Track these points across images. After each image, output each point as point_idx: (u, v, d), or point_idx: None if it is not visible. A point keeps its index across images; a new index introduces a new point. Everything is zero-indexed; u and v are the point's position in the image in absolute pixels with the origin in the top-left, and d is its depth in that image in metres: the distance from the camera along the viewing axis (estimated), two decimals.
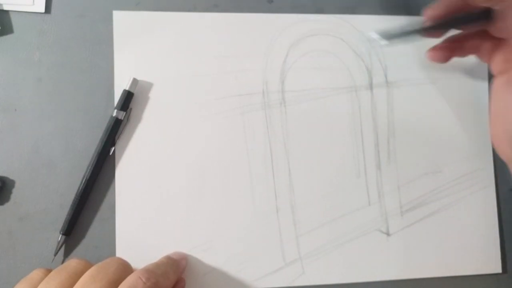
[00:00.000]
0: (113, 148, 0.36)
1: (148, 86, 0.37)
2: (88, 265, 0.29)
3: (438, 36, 0.36)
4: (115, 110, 0.35)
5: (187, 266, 0.35)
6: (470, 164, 0.39)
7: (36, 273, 0.29)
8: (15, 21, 0.36)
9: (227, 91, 0.37)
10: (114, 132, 0.35)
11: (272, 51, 0.38)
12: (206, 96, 0.37)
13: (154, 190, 0.36)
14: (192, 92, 0.37)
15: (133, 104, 0.36)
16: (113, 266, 0.29)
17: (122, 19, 0.37)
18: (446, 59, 0.36)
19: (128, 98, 0.36)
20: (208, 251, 0.36)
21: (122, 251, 0.35)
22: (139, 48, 0.37)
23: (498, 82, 0.33)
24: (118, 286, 0.27)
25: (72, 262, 0.29)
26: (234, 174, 0.37)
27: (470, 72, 0.40)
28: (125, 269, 0.29)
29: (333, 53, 0.38)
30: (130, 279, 0.28)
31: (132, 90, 0.36)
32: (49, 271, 0.29)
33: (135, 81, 0.36)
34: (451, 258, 0.38)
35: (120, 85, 0.36)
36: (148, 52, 0.37)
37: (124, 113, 0.36)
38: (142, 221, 0.36)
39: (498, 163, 0.39)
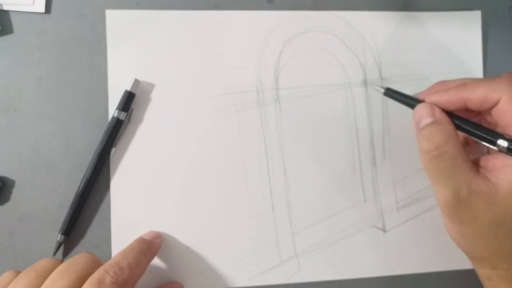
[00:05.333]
0: (113, 149, 0.34)
1: (147, 86, 0.35)
2: (58, 263, 0.28)
3: None
4: (116, 111, 0.34)
5: (184, 263, 0.34)
6: None
7: (6, 276, 0.27)
8: (15, 21, 0.34)
9: (221, 89, 0.35)
10: (115, 133, 0.34)
11: (265, 48, 0.36)
12: (200, 94, 0.35)
13: (151, 189, 0.34)
14: (187, 91, 0.35)
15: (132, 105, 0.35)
16: (82, 261, 0.27)
17: (115, 18, 0.35)
18: None
19: (129, 98, 0.34)
20: (204, 249, 0.34)
21: (118, 251, 0.32)
22: (132, 47, 0.35)
23: None
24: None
25: (42, 261, 0.28)
26: (230, 173, 0.35)
27: (464, 68, 0.38)
28: (94, 264, 0.28)
29: (327, 49, 0.37)
30: (97, 274, 0.26)
31: (133, 91, 0.34)
32: (19, 273, 0.28)
33: (136, 82, 0.34)
34: (446, 253, 0.36)
35: (114, 84, 0.34)
36: (142, 50, 0.35)
37: (125, 113, 0.34)
38: (139, 220, 0.34)
39: None
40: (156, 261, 0.34)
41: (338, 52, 0.36)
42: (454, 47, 0.38)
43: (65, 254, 0.33)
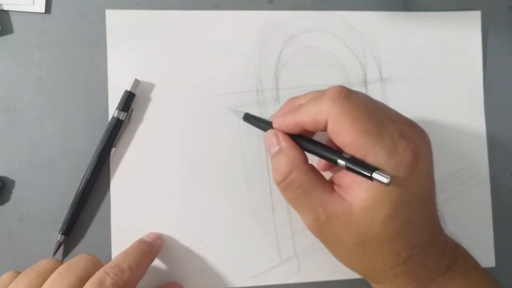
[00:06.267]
0: (113, 149, 0.34)
1: (147, 86, 0.35)
2: (58, 264, 0.28)
3: None
4: (116, 111, 0.34)
5: (184, 263, 0.34)
6: (464, 159, 0.37)
7: (6, 276, 0.27)
8: (15, 21, 0.34)
9: (221, 89, 0.35)
10: (115, 133, 0.34)
11: (265, 48, 0.36)
12: (200, 94, 0.35)
13: (151, 189, 0.34)
14: (187, 91, 0.35)
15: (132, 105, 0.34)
16: (82, 262, 0.27)
17: (115, 18, 0.35)
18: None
19: (129, 98, 0.34)
20: (204, 249, 0.34)
21: (118, 251, 0.32)
22: (132, 47, 0.35)
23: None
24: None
25: (42, 262, 0.28)
26: (230, 173, 0.35)
27: (464, 68, 0.38)
28: (94, 265, 0.27)
29: (327, 49, 0.37)
30: (97, 275, 0.26)
31: (133, 91, 0.34)
32: (19, 273, 0.27)
33: (136, 82, 0.34)
34: None
35: (114, 84, 0.34)
36: (142, 50, 0.35)
37: (125, 113, 0.34)
38: (139, 221, 0.34)
39: (493, 159, 0.37)
40: (156, 261, 0.33)
41: (338, 52, 0.36)
42: (454, 47, 0.37)
43: (65, 254, 0.33)
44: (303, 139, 0.28)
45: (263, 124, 0.30)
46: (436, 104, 0.37)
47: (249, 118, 0.31)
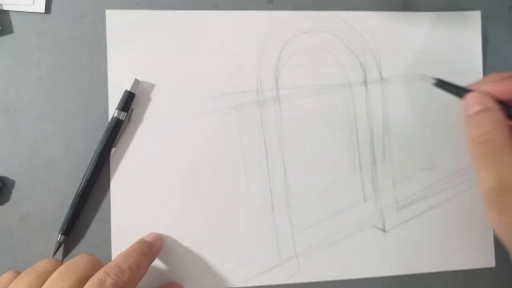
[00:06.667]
0: (113, 149, 0.34)
1: (147, 86, 0.35)
2: (58, 264, 0.28)
3: None
4: (116, 111, 0.34)
5: (184, 263, 0.34)
6: (465, 159, 0.37)
7: (6, 276, 0.27)
8: (15, 21, 0.34)
9: (221, 89, 0.35)
10: (115, 133, 0.34)
11: (265, 48, 0.36)
12: (200, 94, 0.35)
13: (151, 189, 0.34)
14: (187, 91, 0.35)
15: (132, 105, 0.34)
16: (82, 262, 0.27)
17: (115, 18, 0.35)
18: None
19: (129, 98, 0.34)
20: (204, 249, 0.34)
21: (118, 251, 0.33)
22: (132, 47, 0.35)
23: None
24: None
25: (43, 262, 0.28)
26: (230, 172, 0.35)
27: (464, 68, 0.38)
28: (95, 266, 0.28)
29: (327, 49, 0.37)
30: (98, 275, 0.26)
31: (133, 91, 0.34)
32: (19, 273, 0.27)
33: (136, 82, 0.34)
34: (446, 253, 0.36)
35: (114, 84, 0.34)
36: (142, 50, 0.35)
37: (125, 113, 0.34)
38: (139, 220, 0.34)
39: None
40: (156, 261, 0.33)
41: (338, 52, 0.36)
42: (454, 47, 0.37)
43: (65, 254, 0.33)
44: (507, 106, 0.29)
45: (458, 90, 0.31)
46: (436, 104, 0.37)
47: (441, 83, 0.32)
